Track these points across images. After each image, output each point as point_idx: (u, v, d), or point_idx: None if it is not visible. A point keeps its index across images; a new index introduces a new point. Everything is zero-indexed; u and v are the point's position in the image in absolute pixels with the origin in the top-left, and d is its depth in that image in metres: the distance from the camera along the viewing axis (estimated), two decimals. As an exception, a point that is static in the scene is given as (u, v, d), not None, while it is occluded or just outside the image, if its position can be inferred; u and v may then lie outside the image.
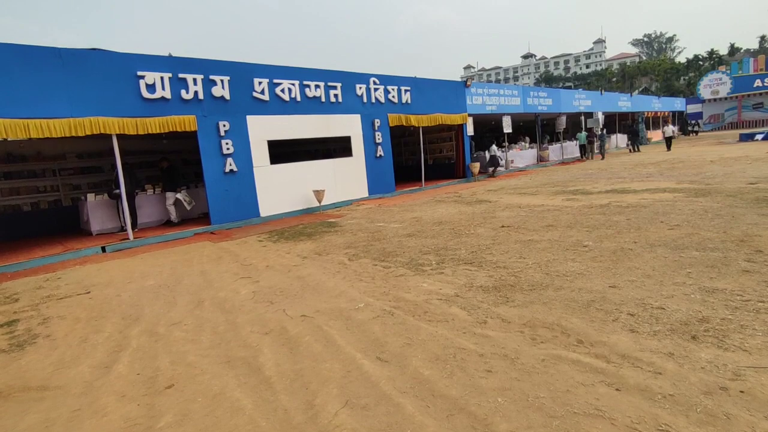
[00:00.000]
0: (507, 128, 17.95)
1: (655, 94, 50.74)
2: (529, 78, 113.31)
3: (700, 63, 65.38)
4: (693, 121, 40.55)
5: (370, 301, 4.35)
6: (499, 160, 17.76)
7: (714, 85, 42.20)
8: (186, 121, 9.54)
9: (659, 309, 3.51)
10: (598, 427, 2.20)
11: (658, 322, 3.29)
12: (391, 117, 13.67)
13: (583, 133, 22.00)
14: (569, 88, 71.30)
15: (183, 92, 9.56)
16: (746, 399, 2.31)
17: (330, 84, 12.08)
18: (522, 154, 20.06)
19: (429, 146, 18.59)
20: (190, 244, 8.62)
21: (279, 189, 11.09)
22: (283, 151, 12.61)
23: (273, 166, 11.01)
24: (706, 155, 17.50)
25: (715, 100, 42.66)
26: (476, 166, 16.34)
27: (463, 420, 2.36)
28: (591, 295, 3.95)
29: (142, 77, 9.04)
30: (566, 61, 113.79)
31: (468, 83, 16.49)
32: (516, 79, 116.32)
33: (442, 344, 3.28)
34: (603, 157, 21.68)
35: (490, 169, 17.51)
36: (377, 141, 13.30)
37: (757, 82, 39.99)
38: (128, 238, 9.10)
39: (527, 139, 22.26)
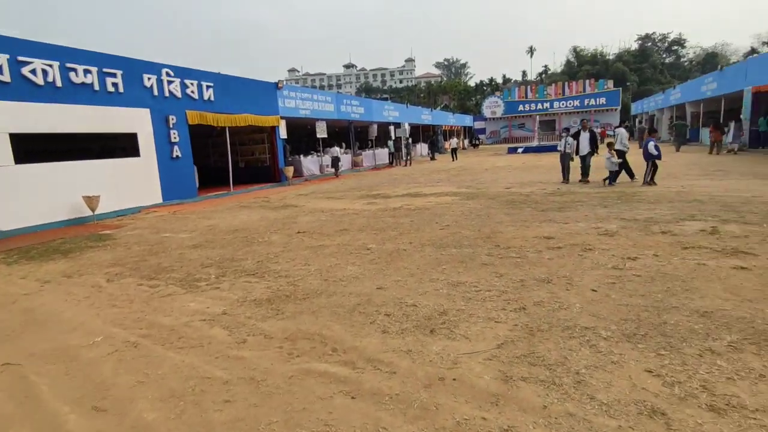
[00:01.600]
0: (321, 133, 18.28)
1: (452, 110, 59.13)
2: (351, 87, 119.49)
3: (484, 88, 79.05)
4: (478, 136, 48.70)
5: (115, 332, 3.62)
6: (340, 160, 19.09)
7: (493, 107, 51.47)
8: None
9: (412, 306, 3.80)
10: (320, 446, 2.13)
11: (408, 319, 3.54)
12: (191, 114, 12.36)
13: (392, 142, 24.03)
14: (385, 99, 77.76)
15: None
16: (456, 386, 2.56)
17: (107, 70, 10.20)
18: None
19: (240, 148, 17.59)
20: None
21: (31, 195, 8.79)
22: (44, 148, 10.08)
23: (21, 166, 8.68)
24: (483, 164, 21.05)
25: (494, 119, 52.10)
26: (290, 170, 16.14)
27: (176, 470, 2.02)
28: (359, 298, 4.06)
29: None
30: (383, 75, 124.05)
31: (280, 85, 16.17)
32: (339, 86, 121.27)
33: (186, 376, 2.86)
34: (409, 164, 24.05)
35: (333, 169, 18.87)
36: (173, 140, 11.84)
37: (521, 107, 50.43)
38: None
39: (343, 144, 23.14)
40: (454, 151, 26.06)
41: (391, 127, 25.05)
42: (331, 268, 5.07)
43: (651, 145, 10.18)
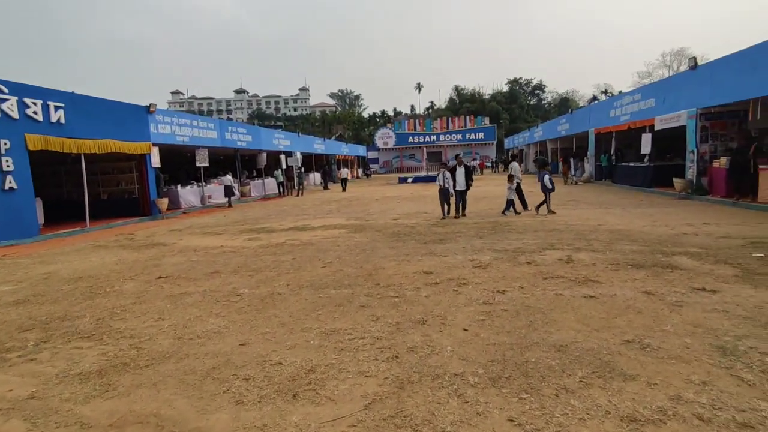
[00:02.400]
0: (203, 162, 16.97)
1: (346, 140, 60.20)
2: (242, 113, 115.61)
3: (377, 119, 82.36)
4: (370, 166, 50.15)
5: None
6: (234, 189, 18.35)
7: (385, 138, 53.54)
8: None
9: (277, 365, 3.39)
10: None
11: (270, 383, 3.12)
12: (33, 138, 10.48)
13: (280, 171, 23.26)
14: (279, 127, 76.44)
15: None
16: (311, 468, 2.22)
17: None
18: (221, 190, 19.36)
19: (103, 177, 15.46)
20: None
21: None
22: None
23: None
24: (374, 194, 21.44)
25: (386, 149, 54.18)
26: (164, 202, 14.55)
27: None
28: (216, 360, 3.53)
29: None
30: (277, 102, 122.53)
31: (152, 109, 14.69)
32: (229, 112, 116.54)
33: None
34: (301, 194, 23.46)
35: (226, 199, 18.25)
36: (5, 168, 9.85)
37: (410, 139, 53.33)
38: None
39: (229, 173, 21.80)
40: (344, 181, 25.90)
41: (282, 156, 24.38)
42: (190, 322, 4.42)
43: (546, 179, 11.21)
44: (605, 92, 65.00)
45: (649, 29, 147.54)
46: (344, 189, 25.11)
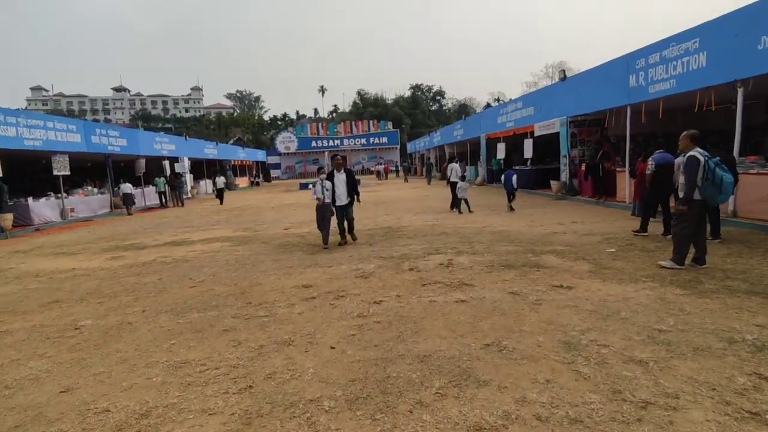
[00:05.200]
0: (61, 170, 14.68)
1: (244, 145, 57.35)
2: (123, 113, 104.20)
3: (279, 123, 79.85)
4: (272, 171, 48.46)
5: None
6: (134, 197, 16.91)
7: (287, 142, 52.12)
8: None
9: (103, 413, 2.85)
10: None
11: (87, 438, 2.59)
12: None
13: (162, 179, 21.04)
14: (169, 129, 70.33)
15: None
16: None
17: None
18: (88, 201, 16.96)
19: None
20: None
21: None
22: None
23: None
24: (271, 202, 20.53)
25: (288, 153, 52.73)
26: (8, 218, 12.26)
27: None
28: (23, 415, 2.87)
29: None
30: (165, 102, 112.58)
31: (-11, 107, 12.33)
32: (107, 112, 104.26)
33: None
34: (181, 204, 21.02)
35: (125, 207, 16.78)
36: None
37: (314, 143, 52.58)
38: None
39: (97, 183, 19.26)
40: (220, 192, 21.11)
41: (165, 162, 22.22)
42: (1, 368, 3.60)
43: (515, 179, 12.23)
44: (498, 100, 70.51)
45: (535, 42, 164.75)
46: (221, 201, 20.76)
